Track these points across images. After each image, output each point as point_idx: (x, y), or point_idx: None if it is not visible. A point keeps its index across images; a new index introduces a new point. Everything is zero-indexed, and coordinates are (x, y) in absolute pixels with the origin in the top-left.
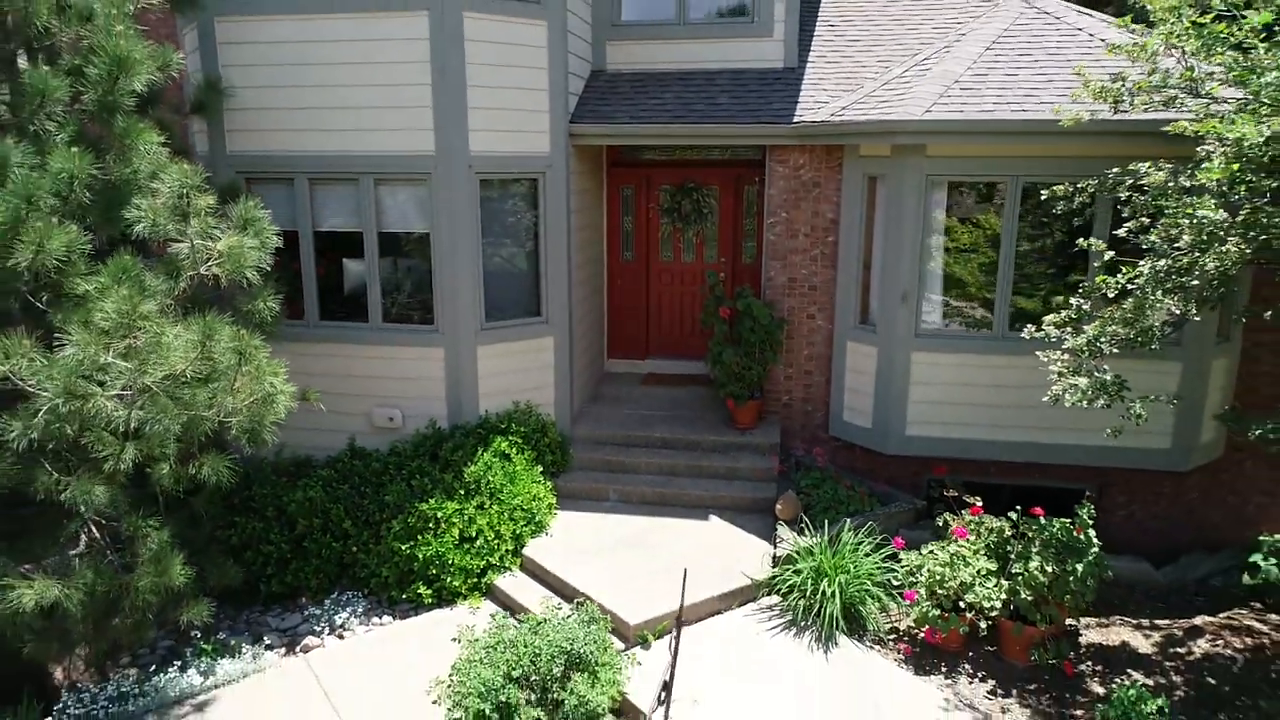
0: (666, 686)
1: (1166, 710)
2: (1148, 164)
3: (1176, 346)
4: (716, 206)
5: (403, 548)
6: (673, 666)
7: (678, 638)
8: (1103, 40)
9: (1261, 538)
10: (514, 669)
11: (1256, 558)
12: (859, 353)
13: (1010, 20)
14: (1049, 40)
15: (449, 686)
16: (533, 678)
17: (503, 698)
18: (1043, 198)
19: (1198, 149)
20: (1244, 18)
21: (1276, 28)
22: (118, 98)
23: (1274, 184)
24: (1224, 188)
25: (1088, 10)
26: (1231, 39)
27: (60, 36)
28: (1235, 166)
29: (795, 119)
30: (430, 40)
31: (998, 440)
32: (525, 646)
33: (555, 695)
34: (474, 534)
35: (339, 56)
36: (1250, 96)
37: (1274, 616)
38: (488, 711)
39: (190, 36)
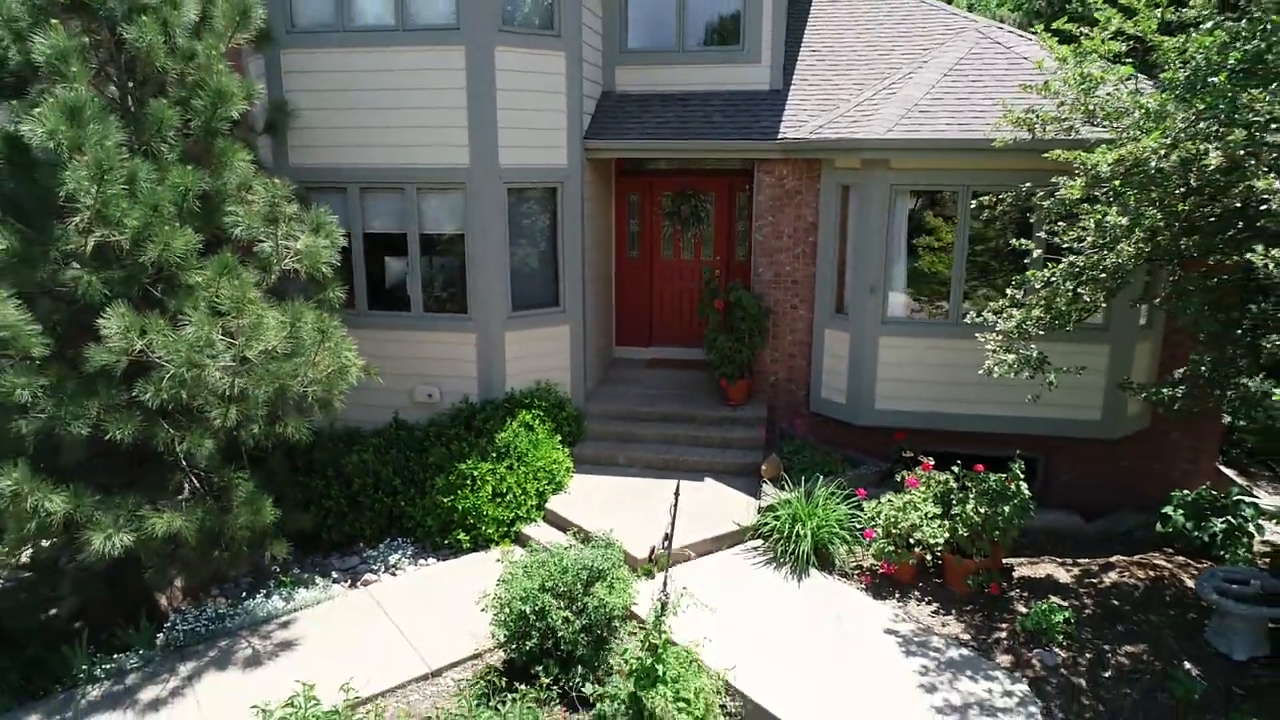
0: (668, 537)
1: (1071, 620)
2: (1058, 180)
3: (1105, 331)
4: (712, 211)
5: (445, 501)
6: (671, 528)
7: (673, 519)
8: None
9: (1173, 493)
10: (547, 581)
11: (1168, 509)
12: (835, 339)
13: (967, 49)
14: (998, 68)
15: (495, 597)
16: (562, 588)
17: (539, 604)
18: (972, 206)
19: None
20: (1119, 65)
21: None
22: (217, 124)
23: (1156, 195)
24: (1119, 198)
25: (1033, 37)
26: (1102, 82)
27: (170, 74)
28: (1102, 180)
29: (780, 136)
30: (467, 70)
31: (955, 413)
32: (556, 564)
33: (580, 601)
34: (505, 490)
35: (387, 83)
36: (1112, 128)
37: (1180, 557)
38: (527, 611)
39: (255, 64)
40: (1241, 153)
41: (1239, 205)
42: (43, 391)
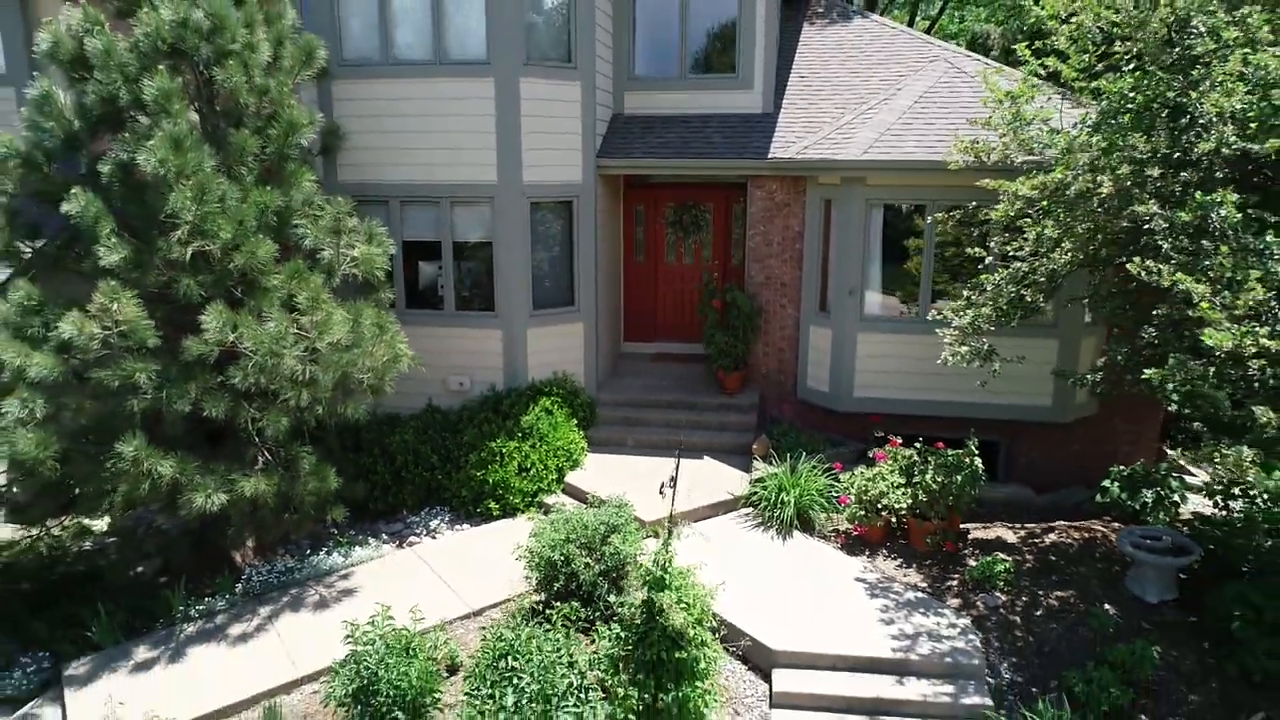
0: (673, 479)
1: (1012, 571)
2: (1002, 199)
3: (1054, 327)
4: (710, 220)
5: (477, 474)
6: (675, 473)
7: (674, 481)
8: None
9: (1112, 469)
10: (571, 535)
11: (1106, 483)
12: (819, 334)
13: (936, 78)
14: (964, 96)
15: (528, 549)
16: (584, 540)
17: (565, 553)
18: (928, 221)
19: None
20: (1047, 105)
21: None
22: (288, 149)
23: (1079, 214)
24: (1049, 215)
25: (998, 66)
26: (1029, 122)
27: (248, 107)
28: (1020, 205)
29: (770, 155)
30: (495, 98)
31: (925, 400)
32: (579, 521)
33: (599, 550)
34: (529, 465)
35: (425, 110)
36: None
37: (1115, 524)
38: (555, 559)
39: (308, 91)
40: (1128, 183)
41: (1129, 225)
42: (154, 375)
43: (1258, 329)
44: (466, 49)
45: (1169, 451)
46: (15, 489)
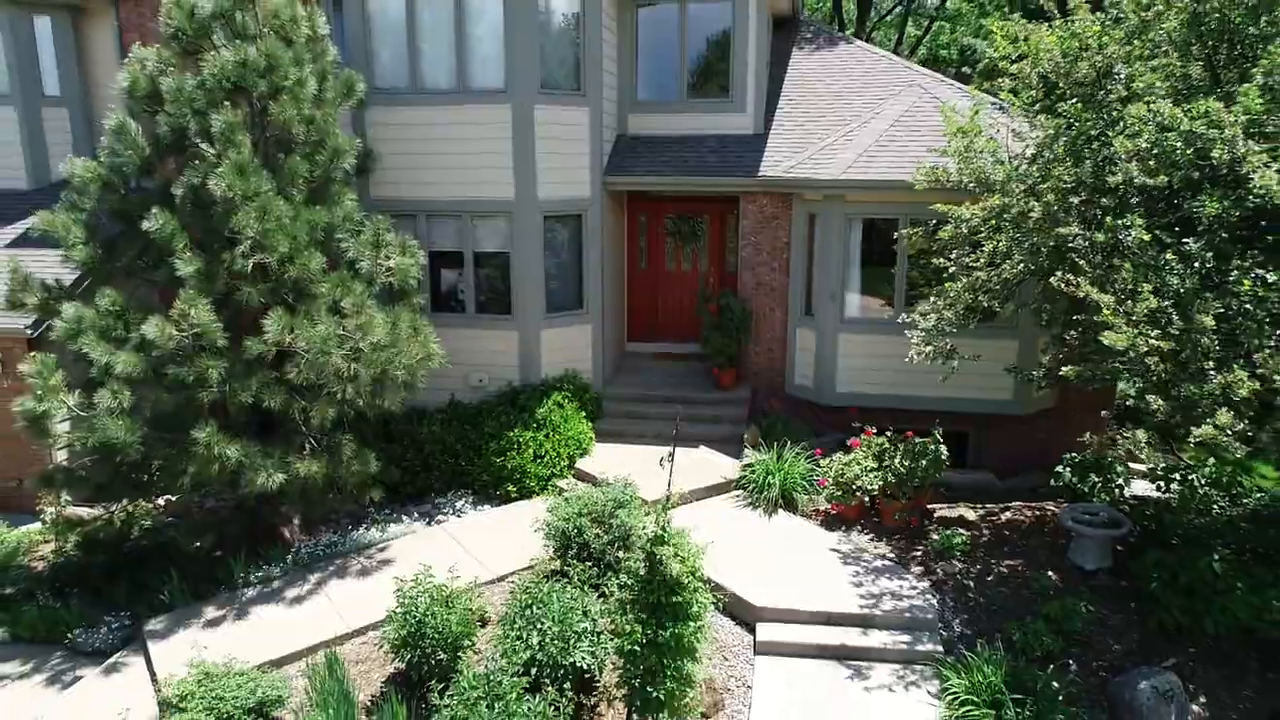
0: (671, 454)
1: (968, 543)
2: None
3: (1014, 329)
4: (706, 230)
5: (497, 461)
6: (673, 453)
7: (672, 456)
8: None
9: (1065, 456)
10: (584, 510)
11: (1060, 468)
12: (804, 335)
13: (911, 103)
14: (934, 120)
15: (545, 522)
16: (594, 514)
17: (578, 525)
18: (894, 237)
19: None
20: (994, 138)
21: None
22: (333, 173)
23: (1019, 231)
24: (999, 232)
25: (966, 90)
26: (980, 154)
27: (297, 135)
28: (977, 227)
29: (760, 174)
30: (512, 123)
31: (901, 394)
32: (590, 498)
33: (607, 522)
34: (543, 453)
35: (449, 133)
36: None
37: (1067, 505)
38: (568, 530)
39: (343, 115)
40: (1055, 208)
41: (1055, 244)
42: (222, 371)
43: (1150, 331)
44: (486, 79)
45: (1119, 439)
46: (99, 471)
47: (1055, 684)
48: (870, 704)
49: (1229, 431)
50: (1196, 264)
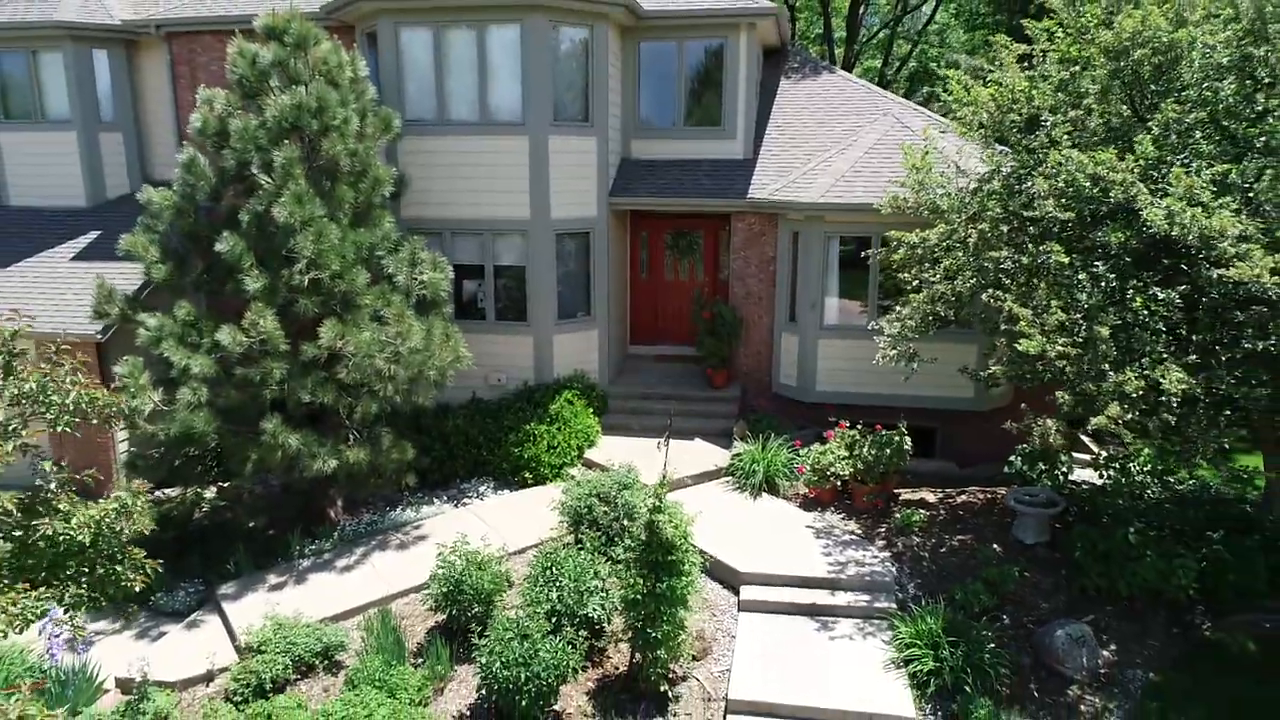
0: (668, 430)
1: (925, 520)
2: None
3: (973, 334)
4: (701, 245)
5: (515, 451)
6: (669, 437)
7: (667, 439)
8: (939, 149)
9: (1017, 448)
10: (592, 490)
11: (1012, 458)
12: (789, 340)
13: (884, 131)
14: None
15: (560, 501)
16: (602, 494)
17: (587, 503)
18: (863, 255)
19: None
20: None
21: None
22: (374, 199)
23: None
24: (949, 252)
25: (935, 118)
26: (930, 189)
27: (342, 166)
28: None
29: (748, 196)
30: (529, 152)
31: (874, 392)
32: (598, 481)
33: (613, 501)
34: (556, 444)
35: (472, 160)
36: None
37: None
38: (579, 508)
39: (377, 145)
40: (989, 235)
41: (989, 266)
42: (284, 371)
43: (1059, 339)
44: (506, 113)
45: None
46: (166, 459)
47: (986, 632)
48: (832, 649)
49: (1119, 421)
50: (1103, 283)
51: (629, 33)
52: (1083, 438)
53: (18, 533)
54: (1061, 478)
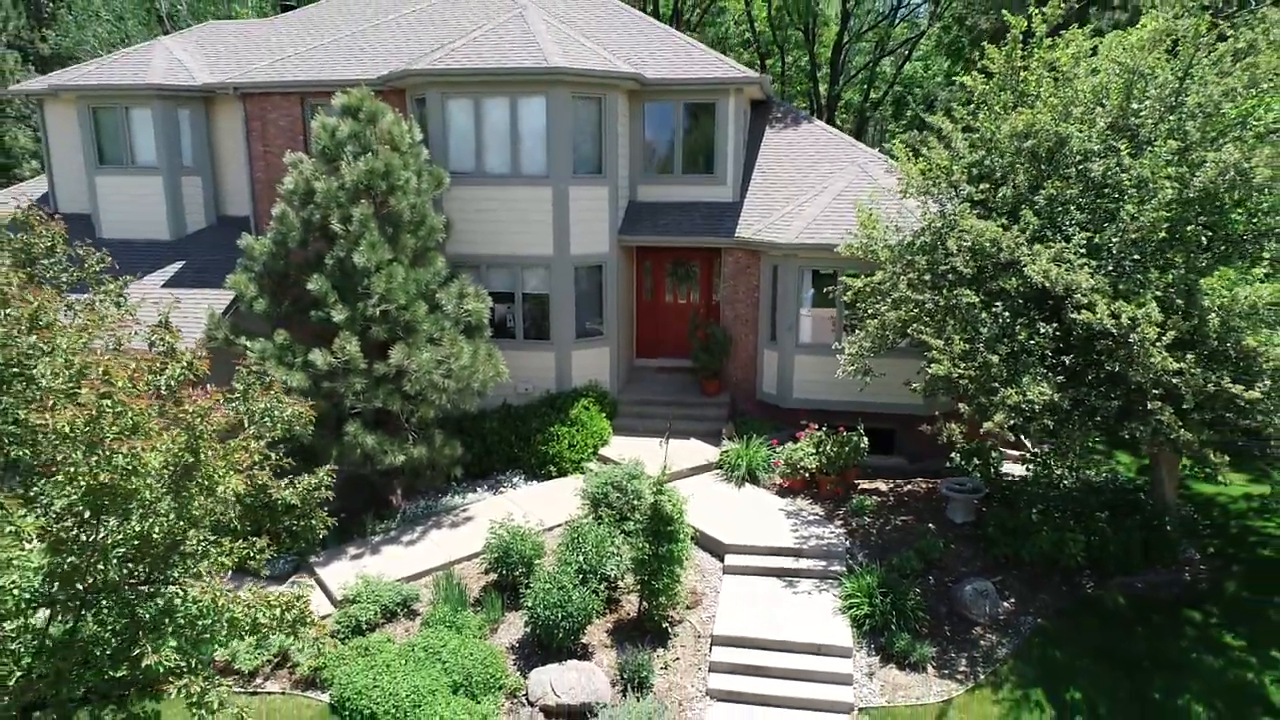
0: (667, 436)
1: (876, 505)
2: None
3: (918, 353)
4: (697, 273)
5: (541, 448)
6: (669, 435)
7: (667, 438)
8: (883, 208)
9: (959, 446)
10: (607, 480)
11: (954, 454)
12: (770, 356)
13: (850, 180)
14: (866, 195)
15: (582, 489)
16: (614, 483)
17: (603, 490)
18: (825, 291)
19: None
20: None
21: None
22: (430, 243)
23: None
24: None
25: (894, 167)
26: (874, 241)
27: (404, 217)
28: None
29: (736, 234)
30: (552, 199)
31: (843, 399)
32: (611, 473)
33: (624, 487)
34: (575, 443)
35: (505, 206)
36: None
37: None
38: (598, 494)
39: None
40: (916, 281)
41: (915, 306)
42: (362, 385)
43: (960, 364)
44: (533, 168)
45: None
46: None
47: (914, 588)
48: (795, 600)
49: (1003, 426)
50: (1000, 320)
51: (635, 95)
52: (1023, 439)
53: (261, 497)
54: (993, 471)
